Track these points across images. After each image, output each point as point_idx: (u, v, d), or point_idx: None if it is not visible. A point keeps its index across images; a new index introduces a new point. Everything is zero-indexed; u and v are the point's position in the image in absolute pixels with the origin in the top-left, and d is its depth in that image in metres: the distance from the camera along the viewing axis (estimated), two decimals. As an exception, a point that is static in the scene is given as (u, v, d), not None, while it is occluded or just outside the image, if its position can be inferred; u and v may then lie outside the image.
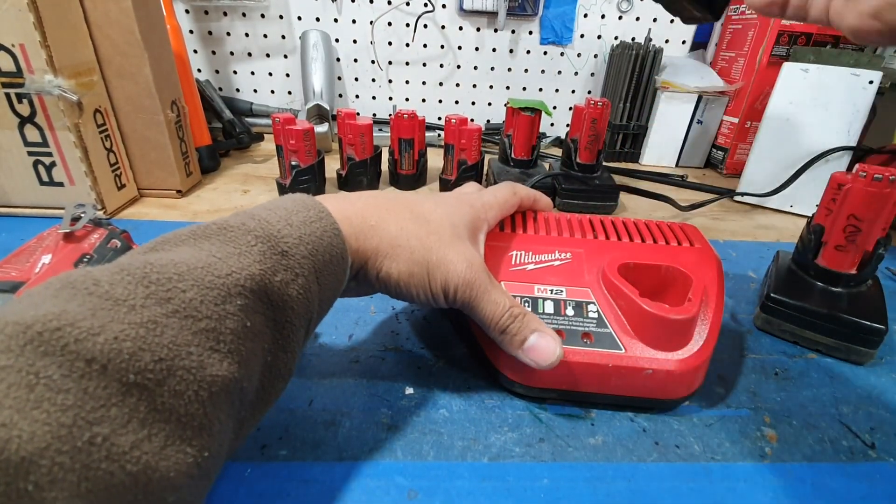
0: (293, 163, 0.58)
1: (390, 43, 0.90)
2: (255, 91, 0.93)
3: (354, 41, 0.89)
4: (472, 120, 0.68)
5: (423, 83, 0.94)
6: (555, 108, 0.97)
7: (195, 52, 0.89)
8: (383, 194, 0.29)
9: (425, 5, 0.85)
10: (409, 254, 0.26)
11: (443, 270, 0.26)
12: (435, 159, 0.72)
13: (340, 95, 0.94)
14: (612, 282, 0.31)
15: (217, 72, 0.91)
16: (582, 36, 0.90)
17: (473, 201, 0.32)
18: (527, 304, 0.31)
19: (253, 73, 0.91)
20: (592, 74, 0.93)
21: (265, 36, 0.88)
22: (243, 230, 0.20)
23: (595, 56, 0.92)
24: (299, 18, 0.87)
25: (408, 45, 0.90)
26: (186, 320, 0.16)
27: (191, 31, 0.87)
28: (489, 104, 0.96)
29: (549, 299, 0.31)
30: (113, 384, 0.14)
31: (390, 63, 0.92)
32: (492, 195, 0.34)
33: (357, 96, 0.95)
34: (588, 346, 0.29)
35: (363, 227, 0.26)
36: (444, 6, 0.86)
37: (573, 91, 0.95)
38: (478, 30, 0.89)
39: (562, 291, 0.31)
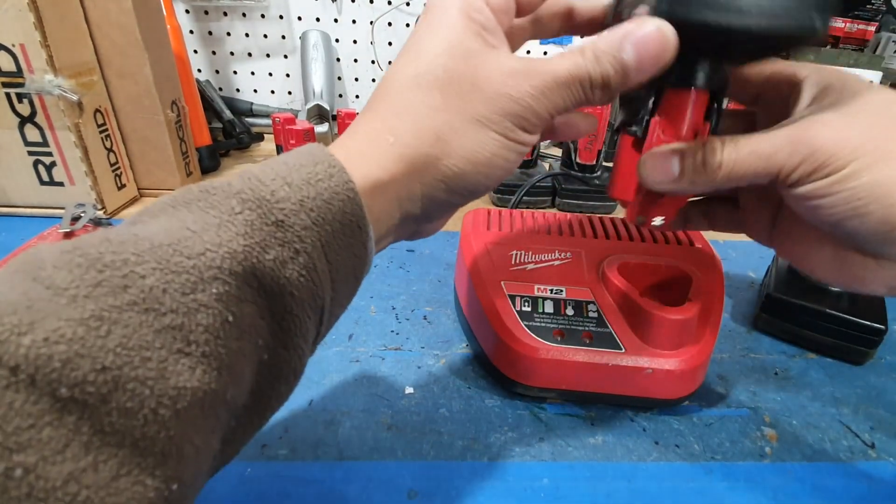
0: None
1: (390, 43, 0.90)
2: (256, 91, 0.93)
3: (354, 41, 0.89)
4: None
5: (423, 83, 0.94)
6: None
7: (195, 52, 0.89)
8: (376, 91, 0.21)
9: (425, 5, 0.85)
10: (452, 133, 0.19)
11: (499, 112, 0.19)
12: (435, 159, 0.72)
13: (341, 96, 0.94)
14: (612, 281, 0.31)
15: (217, 72, 0.91)
16: (582, 36, 0.90)
17: None
18: (526, 304, 0.31)
19: (253, 73, 0.91)
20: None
21: (265, 36, 0.88)
22: (226, 192, 0.16)
23: (595, 56, 0.92)
24: (299, 18, 0.87)
25: (408, 45, 0.90)
26: (146, 315, 0.13)
27: (191, 32, 0.87)
28: (489, 104, 0.96)
29: (549, 299, 0.31)
30: (45, 399, 0.11)
31: (390, 63, 0.91)
32: None
33: (357, 96, 0.95)
34: (588, 345, 0.29)
35: (383, 151, 0.19)
36: (444, 6, 0.86)
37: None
38: (478, 30, 0.89)
39: (562, 291, 0.31)
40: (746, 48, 0.21)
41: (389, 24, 0.87)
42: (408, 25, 0.87)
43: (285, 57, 0.90)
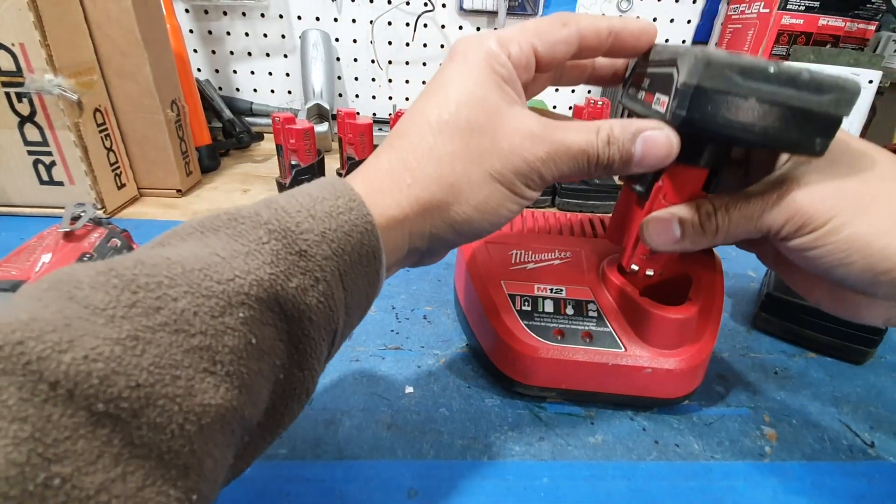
0: (293, 162, 0.58)
1: (390, 42, 0.90)
2: (255, 90, 0.93)
3: (354, 40, 0.89)
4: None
5: (423, 83, 0.94)
6: (555, 107, 0.97)
7: (195, 51, 0.89)
8: (398, 128, 0.22)
9: (425, 4, 0.85)
10: (467, 183, 0.20)
11: (511, 169, 0.21)
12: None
13: (340, 95, 0.94)
14: (611, 281, 0.31)
15: (217, 71, 0.91)
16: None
17: (480, 42, 0.22)
18: (526, 304, 0.31)
19: (253, 72, 0.91)
20: (592, 74, 0.93)
21: (265, 35, 0.88)
22: (255, 222, 0.17)
23: (595, 55, 0.92)
24: (299, 18, 0.87)
25: (408, 44, 0.90)
26: (176, 335, 0.14)
27: (191, 31, 0.87)
28: (489, 104, 0.96)
29: (549, 298, 0.31)
30: (81, 413, 0.12)
31: (390, 62, 0.92)
32: (516, 25, 0.23)
33: (357, 96, 0.95)
34: (588, 344, 0.29)
35: (401, 190, 0.20)
36: (444, 5, 0.86)
37: (573, 91, 0.95)
38: (478, 29, 0.89)
39: (562, 290, 0.31)
40: (751, 147, 0.25)
41: (389, 23, 0.87)
42: (407, 24, 0.87)
43: (285, 56, 0.90)
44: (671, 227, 0.23)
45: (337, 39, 0.89)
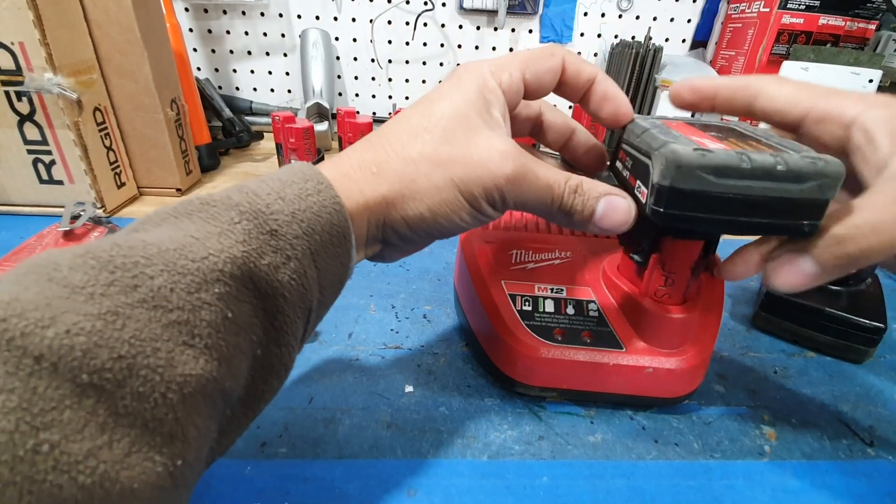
0: (293, 161, 0.58)
1: (390, 41, 0.89)
2: (255, 89, 0.93)
3: (354, 39, 0.89)
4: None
5: (423, 82, 0.94)
6: (555, 106, 0.96)
7: (195, 50, 0.88)
8: (380, 128, 0.23)
9: (425, 3, 0.84)
10: (427, 182, 0.21)
11: (477, 179, 0.21)
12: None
13: (340, 94, 0.94)
14: (612, 280, 0.31)
15: (217, 70, 0.91)
16: (582, 34, 0.90)
17: (470, 69, 0.23)
18: (527, 304, 0.31)
19: (253, 71, 0.91)
20: (592, 73, 0.93)
21: (265, 34, 0.88)
22: (227, 205, 0.18)
23: (595, 55, 0.92)
24: (299, 17, 0.87)
25: (408, 43, 0.89)
26: (154, 311, 0.14)
27: (190, 30, 0.87)
28: (489, 103, 0.96)
29: (550, 298, 0.31)
30: (66, 384, 0.12)
31: (390, 61, 0.91)
32: (509, 54, 0.24)
33: (357, 95, 0.95)
34: (588, 344, 0.29)
35: (365, 178, 0.21)
36: (443, 4, 0.86)
37: (573, 90, 0.95)
38: (478, 28, 0.89)
39: (562, 290, 0.31)
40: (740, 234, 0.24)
41: (389, 22, 0.87)
42: (407, 23, 0.87)
43: (285, 55, 0.90)
44: (798, 264, 0.20)
45: (337, 38, 0.89)
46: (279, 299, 0.18)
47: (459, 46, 0.90)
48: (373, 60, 0.91)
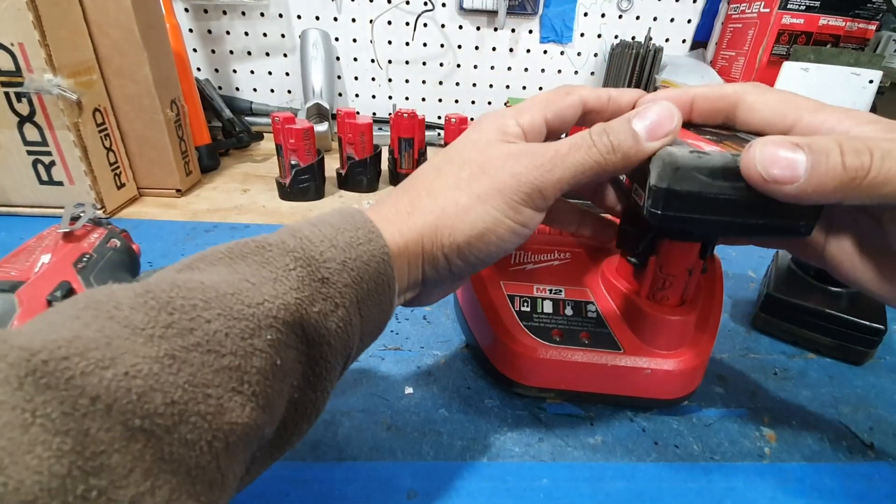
0: (293, 162, 0.58)
1: (390, 42, 0.89)
2: (255, 90, 0.93)
3: (354, 40, 0.89)
4: (471, 119, 0.68)
5: (423, 82, 0.93)
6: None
7: (194, 50, 0.88)
8: (412, 175, 0.24)
9: (425, 4, 0.84)
10: (455, 207, 0.21)
11: (500, 188, 0.21)
12: (435, 158, 0.72)
13: (340, 94, 0.94)
14: (610, 281, 0.31)
15: (216, 70, 0.91)
16: (582, 35, 0.90)
17: (498, 115, 0.24)
18: (525, 304, 0.31)
19: (252, 71, 0.91)
20: (592, 73, 0.93)
21: (265, 35, 0.88)
22: (282, 250, 0.18)
23: (595, 55, 0.91)
24: (299, 17, 0.87)
25: (407, 43, 0.89)
26: (208, 356, 0.14)
27: (190, 30, 0.87)
28: (489, 103, 0.96)
29: (548, 299, 0.31)
30: (117, 427, 0.12)
31: (390, 62, 0.91)
32: (528, 100, 0.25)
33: (357, 95, 0.95)
34: (587, 345, 0.29)
35: (402, 219, 0.22)
36: (443, 5, 0.86)
37: (573, 90, 0.95)
38: (478, 28, 0.89)
39: (560, 291, 0.31)
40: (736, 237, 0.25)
41: (389, 22, 0.87)
42: (407, 24, 0.87)
43: (285, 55, 0.90)
44: (794, 155, 0.17)
45: (337, 39, 0.89)
46: (324, 346, 0.18)
47: (459, 47, 0.90)
48: (373, 61, 0.91)
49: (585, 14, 0.88)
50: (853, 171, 0.17)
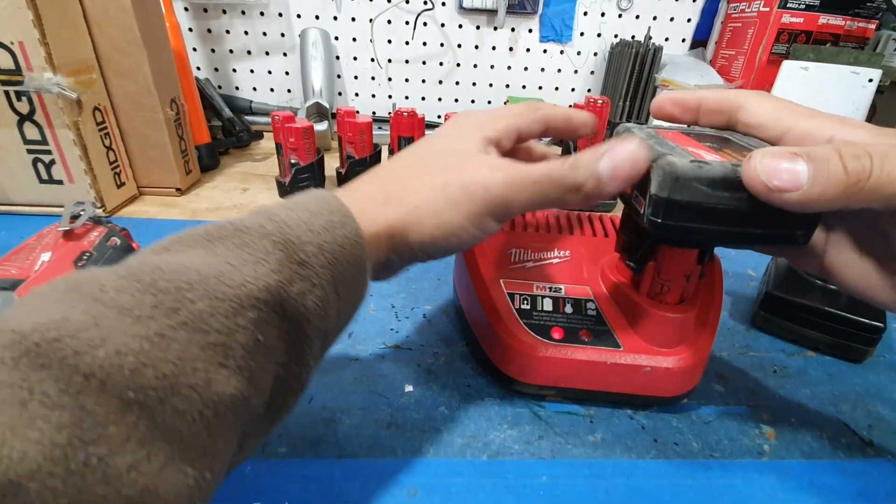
0: (293, 161, 0.58)
1: (390, 41, 0.89)
2: (255, 89, 0.93)
3: (354, 39, 0.89)
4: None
5: (423, 81, 0.93)
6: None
7: (194, 49, 0.88)
8: (386, 163, 0.26)
9: (425, 3, 0.84)
10: (428, 208, 0.23)
11: (471, 198, 0.23)
12: (434, 157, 0.71)
13: (340, 93, 0.94)
14: (610, 279, 0.31)
15: (216, 70, 0.91)
16: (582, 34, 0.90)
17: (475, 116, 0.26)
18: (525, 302, 0.31)
19: (252, 71, 0.91)
20: (592, 73, 0.93)
21: (264, 34, 0.88)
22: (260, 234, 0.19)
23: (595, 54, 0.91)
24: (298, 16, 0.87)
25: (407, 43, 0.89)
26: (195, 334, 0.15)
27: (190, 29, 0.87)
28: (489, 102, 0.96)
29: (548, 297, 0.31)
30: (112, 401, 0.13)
31: (390, 61, 0.91)
32: (500, 108, 0.28)
33: (357, 94, 0.95)
34: (587, 343, 0.29)
35: (377, 209, 0.23)
36: (443, 4, 0.86)
37: (573, 89, 0.95)
38: (477, 28, 0.89)
39: (560, 289, 0.31)
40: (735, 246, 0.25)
41: (389, 21, 0.87)
42: (407, 23, 0.87)
43: (284, 55, 0.90)
44: (795, 165, 0.18)
45: (336, 38, 0.89)
46: (304, 324, 0.19)
47: (459, 46, 0.90)
48: (372, 60, 0.91)
49: (585, 13, 0.88)
50: (855, 176, 0.17)
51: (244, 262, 0.18)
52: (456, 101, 0.95)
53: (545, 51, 0.91)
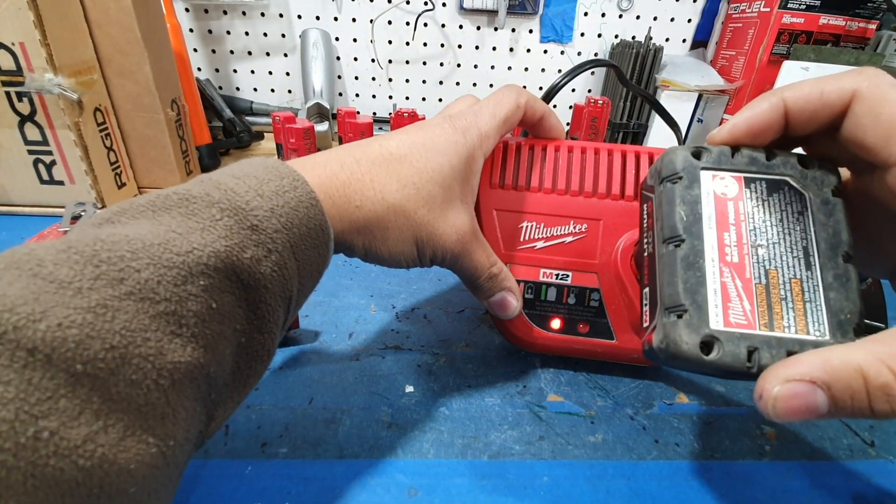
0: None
1: (390, 41, 0.89)
2: (255, 90, 0.93)
3: (354, 40, 0.89)
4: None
5: (424, 82, 0.93)
6: (555, 106, 0.96)
7: (195, 50, 0.88)
8: (365, 155, 0.24)
9: (425, 3, 0.84)
10: (397, 233, 0.24)
11: (432, 245, 0.25)
12: (435, 158, 0.71)
13: (340, 94, 0.94)
14: (619, 272, 0.30)
15: (217, 70, 0.91)
16: (582, 34, 0.90)
17: (467, 129, 0.27)
18: (529, 292, 0.31)
19: (253, 71, 0.91)
20: (593, 73, 0.93)
21: (265, 34, 0.88)
22: (206, 202, 0.18)
23: (595, 54, 0.91)
24: (299, 17, 0.87)
25: (408, 43, 0.89)
26: (142, 303, 0.15)
27: (191, 30, 0.87)
28: (489, 103, 0.96)
29: (553, 285, 0.31)
30: (60, 375, 0.13)
31: (390, 62, 0.91)
32: (490, 117, 0.27)
33: (357, 95, 0.95)
34: (581, 335, 0.31)
35: (347, 207, 0.23)
36: (444, 4, 0.86)
37: (573, 90, 0.95)
38: (478, 28, 0.89)
39: (567, 276, 0.31)
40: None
41: (389, 22, 0.87)
42: (407, 24, 0.87)
43: (285, 55, 0.90)
44: (814, 398, 0.16)
45: (337, 38, 0.89)
46: (261, 290, 0.18)
47: (459, 46, 0.90)
48: (373, 60, 0.91)
49: (585, 14, 0.88)
50: (881, 416, 0.16)
51: (191, 229, 0.17)
52: (456, 101, 0.95)
53: (546, 51, 0.91)
